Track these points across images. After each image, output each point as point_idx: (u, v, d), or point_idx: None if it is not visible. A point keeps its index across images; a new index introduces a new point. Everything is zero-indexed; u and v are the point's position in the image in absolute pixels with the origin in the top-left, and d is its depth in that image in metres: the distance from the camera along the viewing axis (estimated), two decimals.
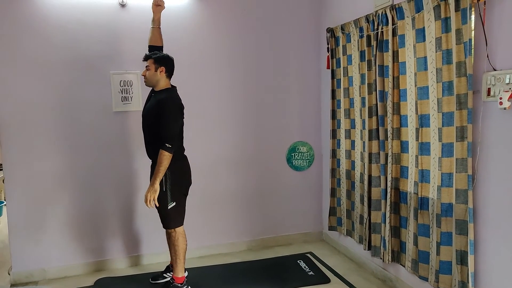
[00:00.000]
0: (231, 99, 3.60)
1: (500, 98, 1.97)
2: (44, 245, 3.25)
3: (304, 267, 3.33)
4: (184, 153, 2.88)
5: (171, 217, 2.77)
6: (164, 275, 3.11)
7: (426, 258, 2.52)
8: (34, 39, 3.09)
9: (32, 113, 3.14)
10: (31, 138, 3.15)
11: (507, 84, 1.96)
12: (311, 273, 3.21)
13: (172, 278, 2.91)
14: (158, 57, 2.73)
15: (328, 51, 3.53)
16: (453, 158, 2.22)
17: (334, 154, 3.58)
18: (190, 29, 3.42)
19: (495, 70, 2.03)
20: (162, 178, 2.66)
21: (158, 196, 2.66)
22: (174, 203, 2.74)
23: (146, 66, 2.75)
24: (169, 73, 2.78)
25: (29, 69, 3.10)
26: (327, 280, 3.07)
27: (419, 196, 2.53)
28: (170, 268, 3.11)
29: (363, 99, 3.09)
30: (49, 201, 3.23)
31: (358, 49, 3.09)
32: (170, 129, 2.62)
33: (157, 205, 2.64)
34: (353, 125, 3.28)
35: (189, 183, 2.90)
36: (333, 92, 3.52)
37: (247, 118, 3.66)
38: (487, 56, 2.06)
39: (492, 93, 2.04)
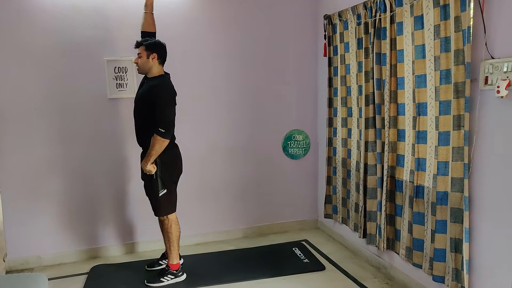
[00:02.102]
0: (226, 87, 3.57)
1: (498, 87, 1.96)
2: (39, 233, 3.24)
3: (299, 254, 3.35)
4: (175, 142, 2.86)
5: (162, 204, 2.78)
6: (160, 262, 3.12)
7: (420, 246, 2.54)
8: (26, 25, 3.03)
9: (24, 101, 3.10)
10: (25, 126, 3.12)
11: (505, 72, 1.95)
12: (306, 260, 3.23)
13: (167, 265, 2.92)
14: (150, 44, 2.69)
15: (325, 39, 3.49)
16: (450, 146, 2.22)
17: (330, 142, 3.58)
18: (185, 16, 3.37)
19: (493, 58, 2.02)
20: (156, 167, 2.67)
21: (150, 184, 2.67)
22: (165, 191, 2.74)
23: (138, 54, 2.71)
24: (162, 59, 2.75)
25: (21, 56, 3.05)
26: (322, 268, 3.10)
27: (415, 184, 2.54)
28: (165, 255, 3.12)
29: (360, 87, 3.07)
30: (44, 188, 3.21)
31: (356, 37, 3.06)
32: (164, 114, 2.60)
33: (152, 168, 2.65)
34: (349, 113, 3.27)
35: (180, 171, 2.89)
36: (330, 80, 3.50)
37: (243, 106, 3.64)
38: (485, 44, 2.04)
39: (489, 81, 2.03)
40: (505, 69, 1.95)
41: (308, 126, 3.87)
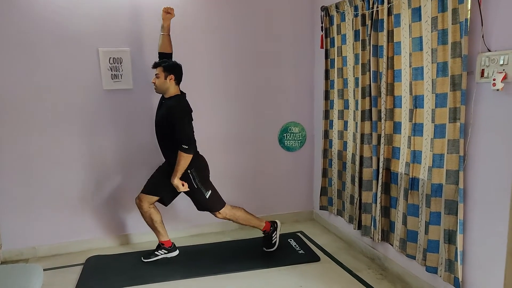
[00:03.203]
0: (222, 79, 3.55)
1: (494, 80, 1.97)
2: (34, 224, 3.23)
3: (295, 245, 3.37)
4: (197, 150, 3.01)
5: (213, 202, 3.02)
6: (156, 252, 3.13)
7: (414, 237, 2.56)
8: (18, 14, 2.98)
9: (17, 92, 3.06)
10: (18, 117, 3.09)
11: (501, 65, 1.96)
12: (301, 251, 3.25)
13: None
14: (168, 65, 2.83)
15: (322, 30, 3.48)
16: (445, 139, 2.23)
17: (326, 134, 3.59)
18: (181, 8, 3.32)
19: (489, 51, 2.02)
20: (190, 178, 2.89)
21: (195, 193, 2.94)
22: (210, 191, 2.99)
23: (156, 74, 2.83)
24: (178, 80, 2.90)
25: (11, 46, 3.00)
26: (317, 259, 3.12)
27: (410, 176, 2.55)
28: (161, 246, 3.13)
29: (356, 79, 3.07)
30: (38, 179, 3.19)
31: (353, 29, 3.05)
32: (184, 132, 2.79)
33: (186, 188, 2.89)
34: (346, 106, 3.28)
35: (209, 170, 3.09)
36: (327, 72, 3.49)
37: (239, 98, 3.63)
38: (482, 37, 2.04)
39: (485, 74, 2.04)
40: (501, 62, 1.95)
41: (304, 118, 3.87)
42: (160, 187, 3.02)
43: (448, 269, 2.29)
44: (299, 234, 3.65)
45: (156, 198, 3.03)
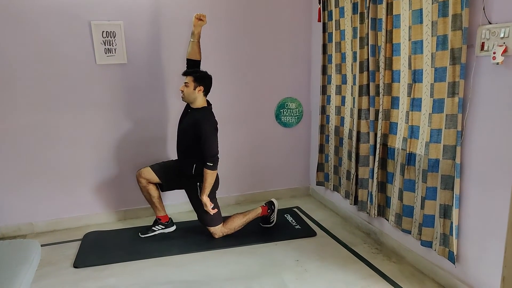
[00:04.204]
0: (217, 54, 3.48)
1: (494, 53, 1.93)
2: (31, 199, 3.23)
3: (291, 221, 3.39)
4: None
5: (213, 218, 3.01)
6: (153, 228, 3.15)
7: (410, 212, 2.58)
8: None
9: (5, 66, 2.98)
10: (11, 93, 3.03)
11: (502, 38, 1.92)
12: (297, 226, 3.28)
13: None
14: (199, 76, 2.82)
15: (319, 3, 3.40)
16: (443, 114, 2.21)
17: (323, 110, 3.56)
18: None
19: (490, 23, 1.98)
20: (198, 190, 2.94)
21: (200, 206, 2.95)
22: (212, 205, 2.95)
23: (185, 82, 2.79)
24: (206, 92, 2.90)
25: (0, 20, 2.91)
26: (313, 234, 3.15)
27: (407, 152, 2.55)
28: (158, 222, 3.14)
29: (354, 53, 3.02)
30: (35, 155, 3.17)
31: (351, 1, 2.98)
32: (210, 149, 2.79)
33: (213, 210, 2.93)
34: (344, 81, 3.24)
35: (217, 187, 3.07)
36: (324, 46, 3.43)
37: (235, 74, 3.57)
38: (483, 9, 1.99)
39: (486, 47, 2.00)
40: (502, 35, 1.91)
41: (301, 94, 3.83)
42: (166, 175, 3.05)
43: (443, 243, 2.32)
44: (295, 209, 3.68)
45: (157, 180, 3.04)
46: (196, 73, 2.82)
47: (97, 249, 2.95)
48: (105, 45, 3.15)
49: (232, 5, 3.44)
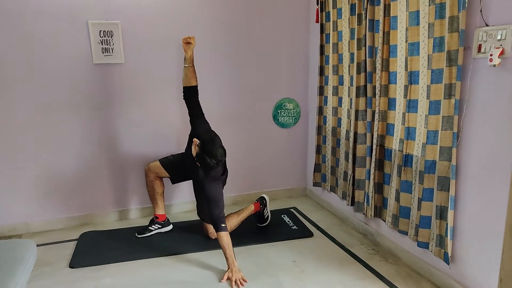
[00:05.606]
0: (214, 55, 3.48)
1: (491, 55, 1.94)
2: (27, 199, 3.21)
3: (288, 221, 3.39)
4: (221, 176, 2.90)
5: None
6: (150, 228, 3.14)
7: (407, 214, 2.58)
8: None
9: (3, 67, 2.96)
10: (7, 93, 3.01)
11: (499, 40, 1.93)
12: (294, 227, 3.28)
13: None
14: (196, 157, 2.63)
15: (317, 4, 3.40)
16: (440, 115, 2.21)
17: (320, 111, 3.56)
18: None
19: (487, 25, 1.98)
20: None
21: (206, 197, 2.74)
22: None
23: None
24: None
25: None
26: (310, 234, 3.15)
27: (404, 153, 2.55)
28: (154, 221, 3.14)
29: (352, 54, 3.02)
30: (31, 155, 3.16)
31: (349, 2, 2.99)
32: (218, 211, 2.65)
33: (246, 282, 2.51)
34: (341, 82, 3.24)
35: (226, 182, 3.02)
36: (322, 47, 3.43)
37: (233, 74, 3.57)
38: (480, 11, 2.00)
39: (483, 49, 2.01)
40: (499, 37, 1.92)
41: (298, 94, 3.83)
42: (177, 169, 3.02)
43: (439, 244, 2.32)
44: (292, 210, 3.68)
45: (166, 175, 3.03)
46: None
47: (93, 249, 2.94)
48: (102, 45, 3.14)
49: (230, 6, 3.43)
